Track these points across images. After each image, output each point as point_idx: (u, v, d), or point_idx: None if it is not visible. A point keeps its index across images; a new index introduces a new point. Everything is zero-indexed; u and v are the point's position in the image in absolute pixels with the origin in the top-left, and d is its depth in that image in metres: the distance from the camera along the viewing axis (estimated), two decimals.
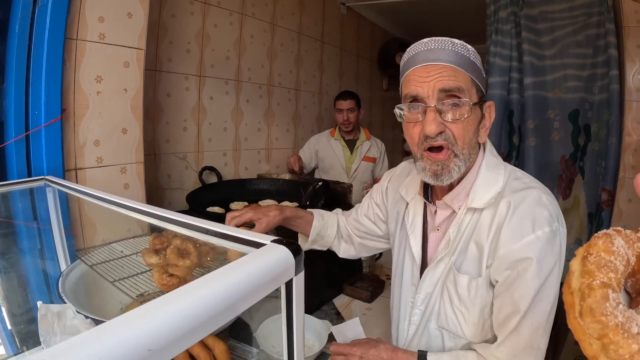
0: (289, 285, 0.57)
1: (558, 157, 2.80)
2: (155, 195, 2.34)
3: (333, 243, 1.48)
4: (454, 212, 1.06)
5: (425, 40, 0.96)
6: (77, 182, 1.64)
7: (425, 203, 1.16)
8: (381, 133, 3.60)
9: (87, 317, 1.09)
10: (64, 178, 1.56)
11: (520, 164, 2.85)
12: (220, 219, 1.81)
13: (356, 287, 1.97)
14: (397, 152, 4.53)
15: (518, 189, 0.97)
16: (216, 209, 2.18)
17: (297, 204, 2.32)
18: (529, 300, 0.90)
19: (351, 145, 3.11)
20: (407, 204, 1.21)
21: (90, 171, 1.67)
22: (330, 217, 1.49)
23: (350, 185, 2.40)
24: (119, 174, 1.77)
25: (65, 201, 1.59)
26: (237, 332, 1.48)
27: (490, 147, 1.07)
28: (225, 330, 1.41)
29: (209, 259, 1.43)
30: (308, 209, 1.49)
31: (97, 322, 1.08)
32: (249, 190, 2.54)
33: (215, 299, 0.45)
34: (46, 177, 1.46)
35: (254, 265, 0.53)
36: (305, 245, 1.46)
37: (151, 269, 1.33)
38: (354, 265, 2.17)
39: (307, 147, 3.15)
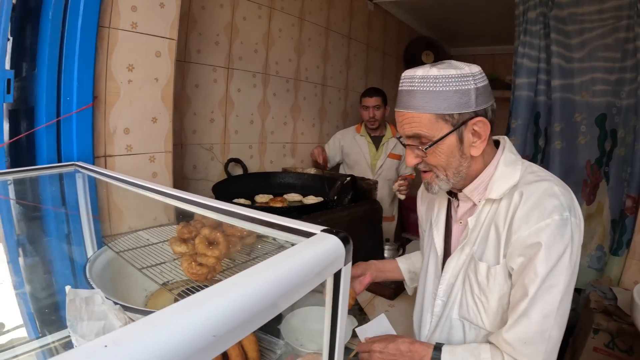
0: (337, 276, 0.56)
1: (583, 161, 2.71)
2: (180, 185, 2.31)
3: None
4: (474, 204, 1.10)
5: (402, 76, 1.03)
6: (106, 169, 1.60)
7: (449, 199, 1.20)
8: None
9: (116, 303, 1.05)
10: (93, 164, 1.53)
11: (545, 166, 2.69)
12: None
13: (379, 283, 1.93)
14: None
15: (532, 181, 1.00)
16: (242, 201, 2.14)
17: (322, 199, 2.27)
18: (537, 285, 0.92)
19: (377, 141, 3.03)
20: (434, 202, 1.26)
21: (120, 159, 1.64)
22: (414, 255, 1.56)
23: (376, 182, 2.34)
24: (148, 163, 1.74)
25: (94, 188, 1.56)
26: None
27: (509, 146, 1.10)
28: None
29: (238, 249, 1.38)
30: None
31: (125, 309, 1.05)
32: (274, 184, 2.49)
33: (274, 285, 0.44)
34: (76, 162, 1.44)
35: (309, 253, 0.53)
36: (409, 288, 1.56)
37: (178, 258, 1.31)
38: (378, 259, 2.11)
39: (333, 142, 3.08)
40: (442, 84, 0.95)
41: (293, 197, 2.33)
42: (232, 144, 2.56)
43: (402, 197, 2.62)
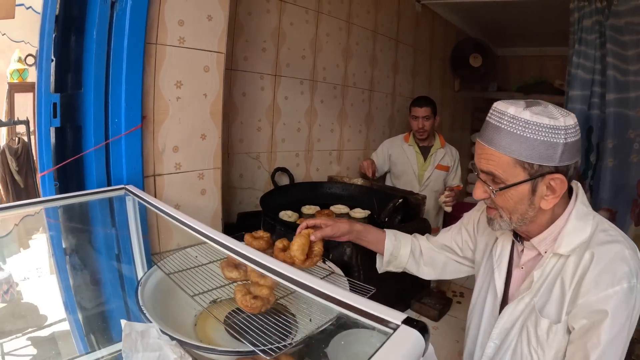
0: None
1: (635, 180, 2.56)
2: (226, 194, 2.23)
3: (407, 264, 1.44)
4: (539, 254, 1.06)
5: (492, 107, 0.98)
6: (155, 188, 1.54)
7: (513, 240, 1.15)
8: (450, 135, 3.29)
9: (172, 338, 1.01)
10: (142, 185, 1.47)
11: (595, 184, 2.66)
12: (294, 228, 1.67)
13: (423, 303, 1.83)
14: (465, 156, 4.18)
15: (603, 242, 0.96)
16: (289, 214, 2.03)
17: (369, 212, 2.15)
18: (599, 352, 0.90)
19: (425, 152, 2.85)
20: (497, 238, 1.19)
21: (169, 177, 1.56)
22: (404, 237, 1.45)
23: (424, 197, 2.19)
24: (197, 180, 1.66)
25: (143, 209, 1.49)
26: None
27: (582, 196, 1.05)
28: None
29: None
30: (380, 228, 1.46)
31: (181, 343, 1.01)
32: (321, 194, 2.38)
33: None
34: (126, 186, 1.37)
35: None
36: (381, 268, 1.47)
37: (230, 283, 1.28)
38: (423, 280, 1.97)
39: (381, 150, 2.92)
40: (531, 130, 0.90)
41: (339, 209, 2.21)
42: (279, 152, 2.46)
43: (449, 209, 2.48)
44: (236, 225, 2.25)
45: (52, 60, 1.22)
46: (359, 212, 2.15)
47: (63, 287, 1.47)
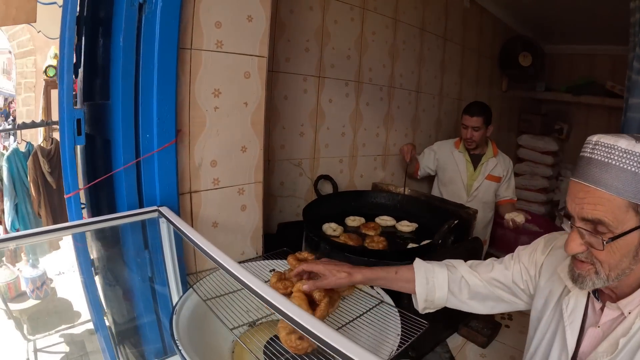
0: None
1: None
2: (266, 203, 2.05)
3: (448, 303, 1.24)
4: (622, 314, 0.89)
5: (594, 138, 0.82)
6: (191, 206, 1.38)
7: (588, 295, 0.97)
8: (496, 137, 2.96)
9: None
10: (177, 203, 1.30)
11: None
12: (339, 247, 1.47)
13: (471, 328, 1.64)
14: (512, 160, 3.86)
15: None
16: (333, 227, 1.84)
17: (417, 225, 1.95)
18: None
19: (475, 160, 2.58)
20: (565, 287, 1.01)
21: (206, 194, 1.40)
22: (437, 277, 1.22)
23: (476, 212, 1.94)
24: (237, 196, 1.49)
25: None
26: None
27: None
28: None
29: (337, 307, 1.21)
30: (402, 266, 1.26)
31: None
32: (365, 203, 2.17)
33: None
34: (159, 208, 1.21)
35: None
36: (419, 310, 1.25)
37: (271, 314, 1.21)
38: None
39: (428, 152, 2.67)
40: None
41: (385, 221, 1.99)
42: (322, 158, 2.26)
43: (522, 219, 2.25)
44: (276, 236, 2.07)
45: (75, 71, 1.05)
46: (406, 225, 1.94)
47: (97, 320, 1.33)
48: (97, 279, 1.35)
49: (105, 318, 1.37)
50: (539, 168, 3.93)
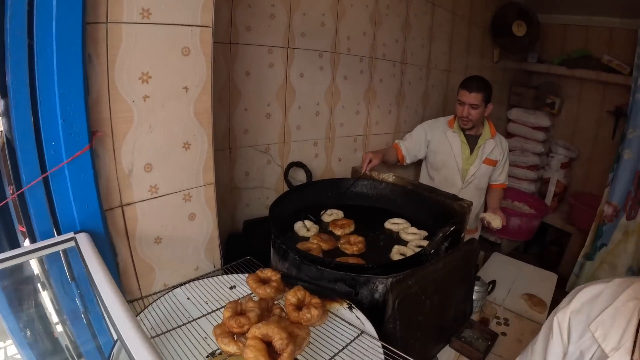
0: None
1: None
2: (229, 197, 1.82)
3: None
4: None
5: None
6: (125, 222, 1.13)
7: None
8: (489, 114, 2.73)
9: None
10: (104, 222, 1.05)
11: (615, 177, 2.63)
12: (313, 260, 1.27)
13: (464, 341, 1.47)
14: (502, 134, 3.66)
15: None
16: (307, 225, 1.61)
17: (409, 224, 1.74)
18: None
19: (472, 142, 2.34)
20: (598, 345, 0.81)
21: (142, 205, 1.15)
22: None
23: (471, 204, 1.72)
24: (182, 203, 1.24)
25: (108, 249, 1.08)
26: None
27: None
28: None
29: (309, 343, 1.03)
30: None
31: None
32: (344, 193, 1.94)
33: None
34: (76, 235, 0.96)
35: None
36: None
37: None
38: (466, 310, 1.59)
39: (417, 133, 2.42)
40: None
41: (397, 225, 1.74)
42: (293, 142, 2.01)
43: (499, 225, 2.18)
44: (242, 236, 1.84)
45: None
46: (412, 234, 1.67)
47: None
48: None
49: None
50: (530, 144, 3.76)
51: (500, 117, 3.89)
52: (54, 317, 1.13)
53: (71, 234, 0.97)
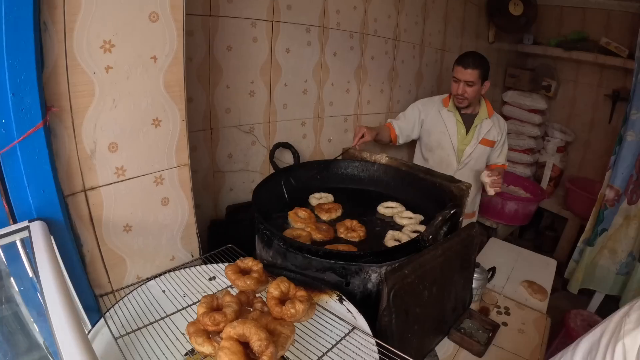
0: None
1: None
2: (211, 181, 1.73)
3: None
4: None
5: None
6: (89, 209, 1.03)
7: None
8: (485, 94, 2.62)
9: None
10: (64, 209, 0.95)
11: (617, 160, 2.57)
12: (299, 248, 1.22)
13: (464, 333, 1.41)
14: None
15: None
16: (301, 215, 1.50)
17: (404, 208, 1.65)
18: None
19: (468, 121, 2.24)
20: None
21: (108, 189, 1.05)
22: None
23: (469, 186, 1.64)
24: (153, 187, 1.15)
25: (70, 239, 0.98)
26: None
27: None
28: None
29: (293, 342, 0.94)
30: None
31: None
32: (334, 175, 1.87)
33: None
34: (30, 223, 0.86)
35: None
36: None
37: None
38: (465, 299, 1.52)
39: (411, 112, 2.32)
40: None
41: (391, 209, 1.65)
42: (280, 121, 1.91)
43: (492, 193, 2.00)
44: (225, 222, 1.75)
45: None
46: (407, 218, 1.59)
47: None
48: None
49: None
50: (526, 127, 3.70)
51: (495, 99, 3.82)
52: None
53: (25, 223, 0.87)
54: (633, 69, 2.49)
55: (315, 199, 1.68)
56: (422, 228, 1.48)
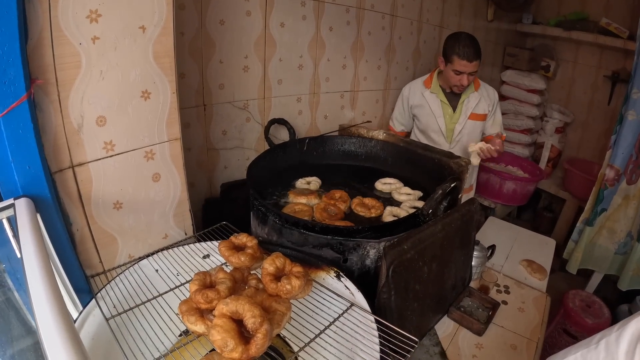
0: None
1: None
2: (205, 159, 1.72)
3: None
4: None
5: None
6: (77, 185, 1.02)
7: None
8: (479, 72, 2.53)
9: None
10: (51, 186, 0.93)
11: (617, 139, 2.53)
12: (296, 224, 1.20)
13: (464, 311, 1.42)
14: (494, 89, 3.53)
15: None
16: (298, 194, 1.47)
17: (402, 184, 1.63)
18: None
19: (454, 99, 2.21)
20: None
21: (96, 165, 1.03)
22: None
23: (468, 162, 1.63)
24: (143, 162, 1.13)
25: (58, 218, 0.97)
26: None
27: None
28: None
29: (289, 319, 0.92)
30: None
31: None
32: (331, 151, 1.85)
33: None
34: (15, 201, 0.84)
35: None
36: None
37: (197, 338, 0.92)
38: (465, 277, 1.53)
39: (401, 103, 2.32)
40: None
41: (389, 185, 1.64)
42: (275, 97, 1.88)
43: (476, 162, 1.98)
44: (220, 200, 1.73)
45: None
46: (405, 194, 1.57)
47: None
48: None
49: None
50: (524, 107, 3.68)
51: (494, 78, 3.77)
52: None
53: (11, 201, 0.85)
54: (633, 50, 2.46)
55: (303, 183, 1.63)
56: (420, 204, 1.46)
